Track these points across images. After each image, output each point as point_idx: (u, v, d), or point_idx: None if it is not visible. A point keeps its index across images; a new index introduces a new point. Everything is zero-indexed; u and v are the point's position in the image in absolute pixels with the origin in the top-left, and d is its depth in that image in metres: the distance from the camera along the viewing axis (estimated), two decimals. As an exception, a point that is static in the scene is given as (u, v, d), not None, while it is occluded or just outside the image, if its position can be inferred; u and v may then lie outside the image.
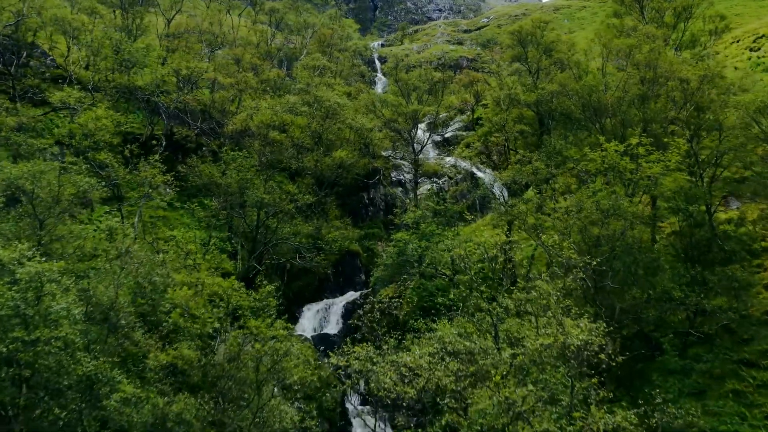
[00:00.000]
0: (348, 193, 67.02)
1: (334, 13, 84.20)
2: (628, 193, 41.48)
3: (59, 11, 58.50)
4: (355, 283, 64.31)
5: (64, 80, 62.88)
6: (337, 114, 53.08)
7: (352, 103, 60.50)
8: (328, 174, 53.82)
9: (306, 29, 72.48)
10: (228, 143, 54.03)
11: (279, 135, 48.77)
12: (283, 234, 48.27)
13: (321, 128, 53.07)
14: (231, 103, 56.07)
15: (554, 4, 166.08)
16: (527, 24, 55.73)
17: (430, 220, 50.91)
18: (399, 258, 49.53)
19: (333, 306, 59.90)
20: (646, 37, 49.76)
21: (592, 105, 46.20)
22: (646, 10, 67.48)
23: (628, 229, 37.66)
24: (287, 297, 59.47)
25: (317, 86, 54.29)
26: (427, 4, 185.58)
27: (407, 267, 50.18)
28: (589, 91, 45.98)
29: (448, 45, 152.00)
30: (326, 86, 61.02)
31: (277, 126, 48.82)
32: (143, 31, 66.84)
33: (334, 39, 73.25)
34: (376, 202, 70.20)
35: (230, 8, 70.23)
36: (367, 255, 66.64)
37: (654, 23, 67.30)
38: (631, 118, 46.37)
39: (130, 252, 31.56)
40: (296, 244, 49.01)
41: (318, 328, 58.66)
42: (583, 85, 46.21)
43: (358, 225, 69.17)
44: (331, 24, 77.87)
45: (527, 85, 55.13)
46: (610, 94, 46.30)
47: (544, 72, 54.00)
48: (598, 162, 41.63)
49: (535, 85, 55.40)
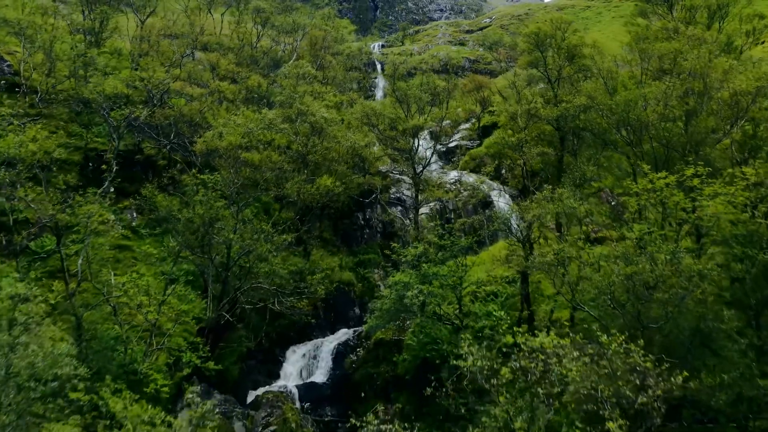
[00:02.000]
0: (340, 214, 57.31)
1: (328, 13, 74.11)
2: (679, 236, 31.84)
3: (8, 12, 48.75)
4: (348, 319, 54.56)
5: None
6: (325, 130, 43.39)
7: (345, 116, 50.71)
8: (313, 203, 44.05)
9: (296, 31, 62.56)
10: (200, 161, 44.29)
11: (254, 156, 38.95)
12: (259, 274, 38.53)
13: (305, 148, 43.38)
14: (203, 116, 46.40)
15: (557, 4, 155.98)
16: (546, 25, 45.88)
17: (433, 255, 41.23)
18: (397, 304, 40.02)
19: (322, 347, 50.16)
20: (691, 40, 39.99)
21: (630, 123, 36.43)
22: (675, 9, 57.75)
23: (692, 292, 28.00)
24: (270, 337, 49.68)
25: (302, 96, 44.50)
26: (428, 5, 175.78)
27: (407, 313, 40.78)
28: (626, 107, 36.22)
29: (449, 46, 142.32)
30: (314, 96, 51.21)
31: (252, 146, 39.13)
32: (111, 32, 57.02)
33: (327, 41, 63.42)
34: (372, 223, 60.38)
35: (211, 7, 60.36)
36: (362, 285, 56.79)
37: (684, 22, 57.46)
38: (676, 139, 36.70)
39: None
40: (274, 287, 39.24)
41: (305, 374, 49.02)
42: (619, 100, 36.44)
43: (351, 249, 59.45)
44: (323, 25, 67.99)
45: (547, 96, 45.33)
46: (651, 110, 36.49)
47: (567, 81, 44.17)
48: (643, 197, 31.91)
49: (556, 95, 45.54)
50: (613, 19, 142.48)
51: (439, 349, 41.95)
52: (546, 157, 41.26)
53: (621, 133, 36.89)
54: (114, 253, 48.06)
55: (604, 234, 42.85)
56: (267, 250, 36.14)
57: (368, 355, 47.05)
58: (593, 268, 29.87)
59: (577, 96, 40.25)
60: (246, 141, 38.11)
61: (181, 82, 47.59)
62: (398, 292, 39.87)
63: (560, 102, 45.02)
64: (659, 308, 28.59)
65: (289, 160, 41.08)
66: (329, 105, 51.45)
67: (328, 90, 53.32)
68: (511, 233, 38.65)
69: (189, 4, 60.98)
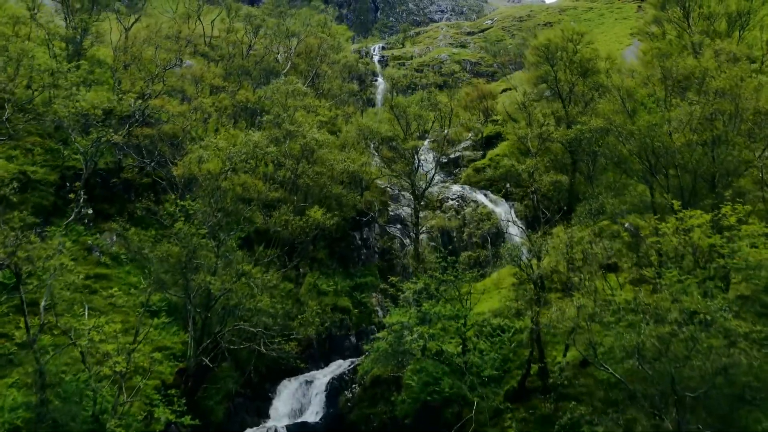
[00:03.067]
0: (336, 235, 52.78)
1: (323, 20, 69.16)
2: (715, 285, 27.33)
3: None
4: (344, 349, 50.01)
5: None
6: (316, 153, 38.82)
7: (341, 126, 46.09)
8: (303, 237, 39.47)
9: (290, 38, 57.79)
10: (182, 183, 39.75)
11: (236, 183, 34.32)
12: (242, 316, 34.06)
13: (294, 174, 38.84)
14: (186, 134, 41.81)
15: (560, 6, 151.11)
16: (556, 36, 41.22)
17: (434, 289, 36.79)
18: (395, 345, 35.61)
19: (315, 382, 45.60)
20: (718, 54, 35.38)
21: (654, 150, 31.87)
22: (691, 17, 52.98)
23: (733, 354, 23.57)
24: (259, 372, 45.21)
25: (292, 116, 39.75)
26: (429, 6, 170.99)
27: (406, 356, 36.36)
28: (650, 132, 31.66)
29: (450, 48, 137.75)
30: (307, 109, 46.65)
31: (235, 171, 34.50)
32: (92, 42, 52.41)
33: (323, 49, 58.72)
34: (370, 243, 55.78)
35: (200, 13, 55.56)
36: (358, 311, 52.28)
37: (702, 32, 52.73)
38: (705, 168, 32.18)
39: None
40: (259, 329, 34.73)
41: (296, 412, 44.53)
42: (641, 125, 31.86)
43: (348, 271, 54.84)
44: (319, 32, 63.03)
45: (558, 113, 40.76)
46: (678, 138, 31.88)
47: (581, 99, 39.54)
48: (673, 241, 27.39)
49: (567, 113, 40.97)
50: (616, 21, 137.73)
51: (441, 391, 37.61)
52: (559, 184, 36.73)
53: (643, 162, 32.34)
54: (90, 282, 43.68)
55: (618, 261, 38.30)
56: (249, 294, 31.62)
57: (364, 394, 42.55)
58: (621, 325, 25.35)
59: (593, 117, 35.66)
60: (228, 167, 33.56)
61: (163, 98, 42.97)
62: (396, 333, 35.49)
63: (573, 122, 40.44)
64: (697, 373, 24.20)
65: (276, 187, 36.45)
66: (323, 120, 46.84)
67: (323, 104, 48.66)
68: (521, 267, 34.18)
69: (177, 10, 56.22)
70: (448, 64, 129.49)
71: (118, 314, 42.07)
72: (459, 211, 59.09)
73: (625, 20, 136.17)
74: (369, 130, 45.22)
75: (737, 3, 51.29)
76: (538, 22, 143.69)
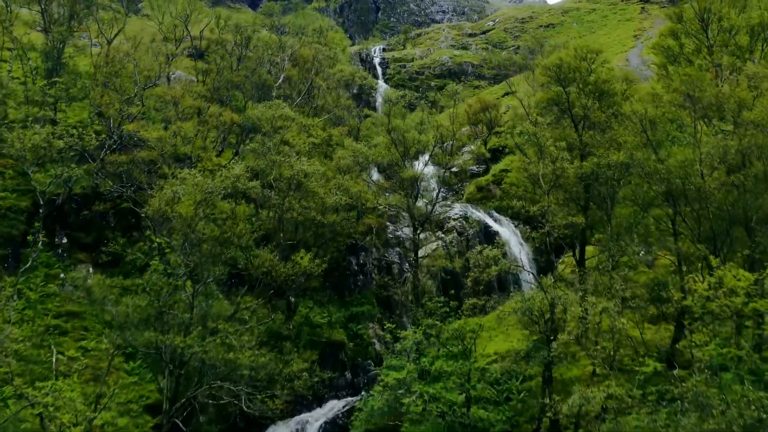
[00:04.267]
0: (331, 261, 48.15)
1: (320, 27, 64.03)
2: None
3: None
4: (339, 387, 45.47)
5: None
6: (304, 186, 34.33)
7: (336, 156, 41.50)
8: (289, 283, 34.99)
9: (282, 50, 53.10)
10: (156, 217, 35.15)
11: (211, 226, 29.79)
12: (219, 373, 29.68)
13: (280, 209, 34.34)
14: (165, 161, 37.30)
15: (562, 7, 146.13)
16: (568, 56, 36.60)
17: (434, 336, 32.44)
18: (391, 402, 31.28)
19: (307, 427, 41.40)
20: (752, 80, 30.80)
21: (685, 193, 27.42)
22: (710, 29, 48.35)
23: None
24: (245, 416, 40.96)
25: (278, 143, 35.12)
26: (430, 6, 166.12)
27: (403, 414, 32.07)
28: (683, 172, 27.18)
29: (452, 50, 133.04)
30: (299, 128, 42.15)
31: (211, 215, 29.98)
32: (74, 52, 47.95)
33: (317, 60, 54.06)
34: (367, 269, 51.26)
35: (187, 23, 50.90)
36: (354, 344, 47.81)
37: (721, 45, 48.12)
38: (741, 212, 27.75)
39: None
40: (238, 389, 30.30)
41: (287, 461, 40.34)
42: (672, 164, 27.36)
43: (343, 300, 50.33)
44: (315, 40, 58.27)
45: (570, 140, 36.16)
46: (710, 180, 27.37)
47: (597, 125, 34.94)
48: (711, 306, 23.01)
49: (581, 138, 36.41)
50: (620, 23, 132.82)
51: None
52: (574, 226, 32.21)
53: (672, 205, 27.86)
54: (61, 322, 39.32)
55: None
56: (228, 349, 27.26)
57: (359, 443, 38.29)
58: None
59: (611, 149, 31.11)
60: (203, 209, 29.07)
61: (138, 122, 38.40)
62: (393, 391, 31.14)
63: (587, 148, 35.89)
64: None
65: (260, 224, 31.92)
66: (315, 143, 42.30)
67: (316, 122, 44.11)
68: (532, 317, 29.86)
69: (164, 20, 51.58)
70: (449, 66, 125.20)
71: (90, 359, 37.91)
72: (462, 232, 54.65)
73: (628, 22, 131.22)
74: (364, 156, 40.78)
75: (760, 15, 46.66)
76: (541, 24, 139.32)
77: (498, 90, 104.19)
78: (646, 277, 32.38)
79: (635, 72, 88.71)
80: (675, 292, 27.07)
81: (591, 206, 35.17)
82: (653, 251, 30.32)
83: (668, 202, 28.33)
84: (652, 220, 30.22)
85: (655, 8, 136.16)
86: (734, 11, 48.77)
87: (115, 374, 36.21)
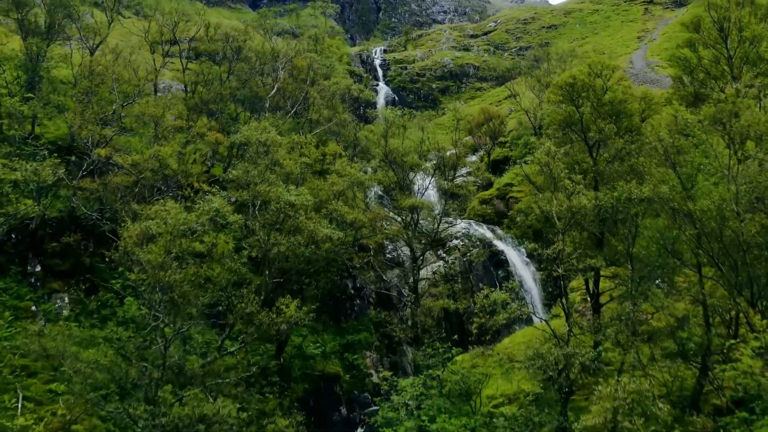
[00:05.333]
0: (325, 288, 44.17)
1: (315, 34, 59.76)
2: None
3: None
4: (333, 423, 41.81)
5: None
6: (291, 219, 30.40)
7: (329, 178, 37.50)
8: (273, 332, 31.10)
9: (276, 59, 49.03)
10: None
11: (185, 271, 25.84)
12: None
13: (265, 245, 30.38)
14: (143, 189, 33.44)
15: (565, 8, 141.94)
16: (582, 73, 32.67)
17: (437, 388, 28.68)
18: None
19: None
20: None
21: (723, 240, 23.53)
22: (730, 40, 44.32)
23: None
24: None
25: (263, 171, 31.10)
26: (431, 6, 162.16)
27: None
28: (719, 214, 23.28)
29: (453, 51, 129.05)
30: (291, 147, 38.26)
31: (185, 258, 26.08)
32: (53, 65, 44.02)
33: (313, 69, 50.01)
34: (364, 293, 47.46)
35: (175, 30, 46.88)
36: (350, 376, 43.87)
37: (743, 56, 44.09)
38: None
39: None
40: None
41: None
42: (708, 207, 23.42)
43: (339, 326, 46.45)
44: (311, 47, 54.07)
45: (584, 165, 32.28)
46: (751, 225, 23.45)
47: (616, 151, 30.96)
48: (761, 380, 19.21)
49: (595, 161, 32.53)
50: (623, 24, 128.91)
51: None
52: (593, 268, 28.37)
53: (706, 253, 23.97)
54: (28, 362, 35.44)
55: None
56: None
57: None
58: None
59: (632, 183, 27.16)
60: (179, 250, 25.22)
61: (110, 148, 34.44)
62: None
63: (601, 175, 32.01)
64: None
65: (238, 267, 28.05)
66: (307, 163, 38.38)
67: (309, 140, 40.18)
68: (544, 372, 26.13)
69: (150, 29, 47.56)
70: (450, 67, 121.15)
71: (60, 404, 34.06)
72: (464, 253, 50.75)
73: (632, 23, 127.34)
74: (359, 182, 36.89)
75: (785, 24, 42.70)
76: (543, 25, 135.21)
77: (500, 92, 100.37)
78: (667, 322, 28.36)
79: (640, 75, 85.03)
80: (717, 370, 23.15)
81: (608, 239, 31.28)
82: (681, 297, 26.34)
83: (698, 246, 24.42)
84: (677, 262, 26.25)
85: (658, 9, 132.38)
86: (755, 20, 44.74)
87: (87, 421, 32.55)
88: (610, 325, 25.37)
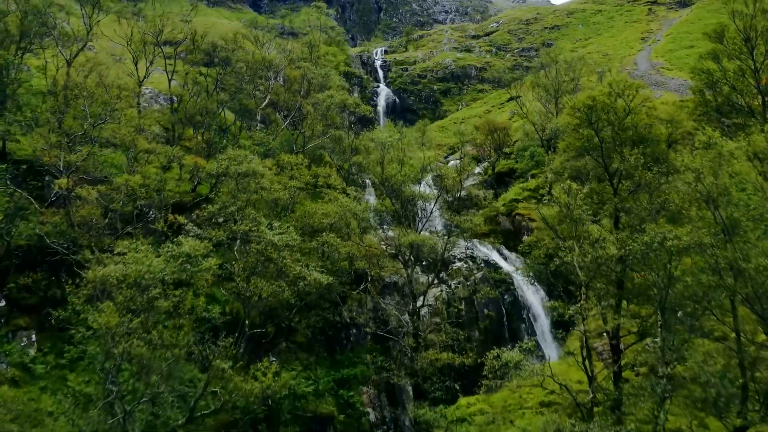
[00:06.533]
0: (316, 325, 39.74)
1: (312, 40, 55.19)
2: None
3: None
4: (326, 472, 37.85)
5: None
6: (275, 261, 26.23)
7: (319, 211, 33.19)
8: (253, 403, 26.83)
9: (268, 68, 44.73)
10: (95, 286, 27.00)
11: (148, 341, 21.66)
12: None
13: (246, 290, 26.28)
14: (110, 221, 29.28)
15: (567, 8, 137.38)
16: (602, 94, 28.40)
17: None
18: None
19: None
20: None
21: None
22: (756, 52, 40.01)
23: None
24: None
25: (243, 207, 26.99)
26: (432, 6, 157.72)
27: None
28: None
29: (455, 52, 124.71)
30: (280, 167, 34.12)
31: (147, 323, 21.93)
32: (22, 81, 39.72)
33: (308, 79, 45.71)
34: (360, 322, 43.22)
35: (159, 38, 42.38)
36: (345, 416, 39.69)
37: None
38: None
39: None
40: None
41: None
42: (761, 264, 19.34)
43: (333, 358, 42.24)
44: (306, 56, 49.84)
45: (604, 195, 28.09)
46: None
47: (642, 185, 26.68)
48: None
49: (616, 192, 28.33)
50: (626, 24, 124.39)
51: None
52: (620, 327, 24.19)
53: (758, 313, 19.88)
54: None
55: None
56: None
57: None
58: None
59: (663, 225, 22.98)
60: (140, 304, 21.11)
61: (71, 178, 30.12)
62: None
63: (623, 208, 27.74)
64: None
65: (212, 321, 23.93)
66: (298, 187, 34.16)
67: (300, 161, 35.97)
68: None
69: (133, 36, 43.16)
70: (452, 69, 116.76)
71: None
72: (468, 276, 46.49)
73: (635, 23, 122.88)
74: (352, 213, 32.66)
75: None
76: (546, 26, 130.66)
77: (503, 94, 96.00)
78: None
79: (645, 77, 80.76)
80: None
81: (630, 277, 27.08)
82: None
83: (750, 306, 20.23)
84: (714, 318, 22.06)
85: (662, 9, 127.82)
86: (784, 29, 40.38)
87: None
88: (639, 396, 21.14)
